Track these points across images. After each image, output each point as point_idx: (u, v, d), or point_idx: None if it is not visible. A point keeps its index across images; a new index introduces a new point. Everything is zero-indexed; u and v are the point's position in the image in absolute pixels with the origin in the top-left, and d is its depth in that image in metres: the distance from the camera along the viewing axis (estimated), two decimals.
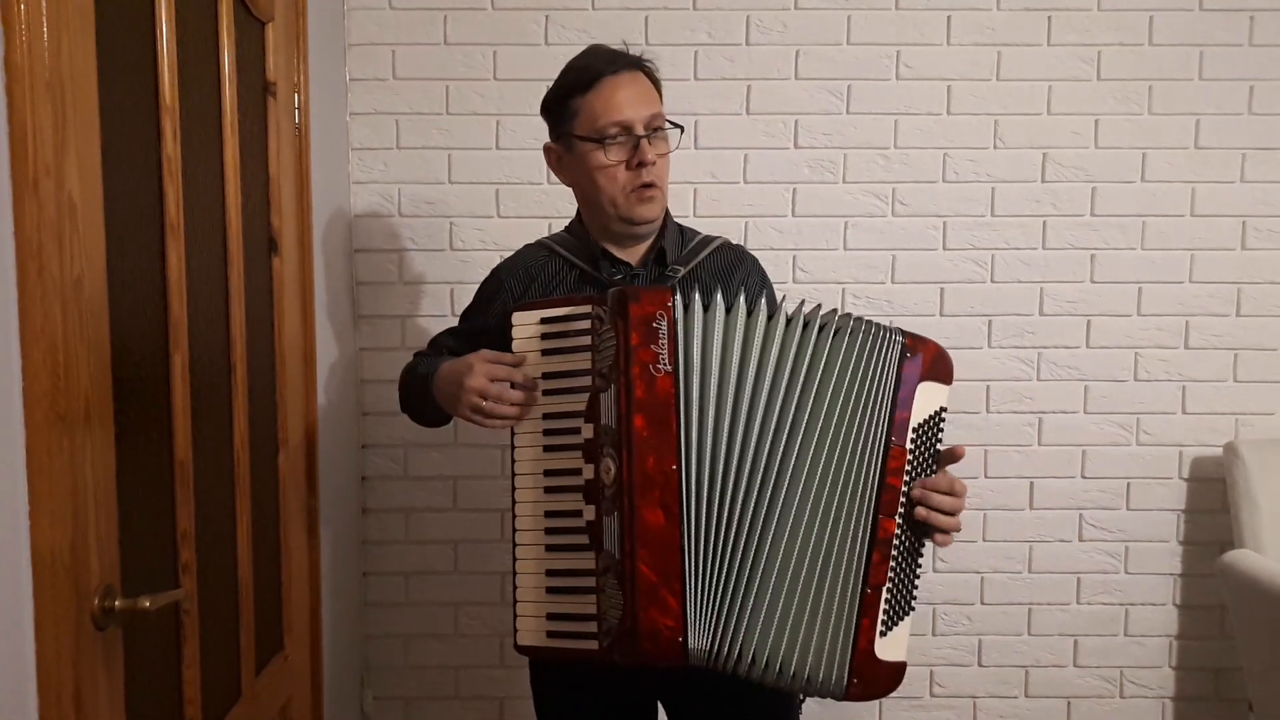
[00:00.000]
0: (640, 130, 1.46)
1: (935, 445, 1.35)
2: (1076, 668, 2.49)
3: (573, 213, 2.40)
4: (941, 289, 2.41)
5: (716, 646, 1.27)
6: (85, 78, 1.08)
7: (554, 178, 2.34)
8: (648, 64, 1.53)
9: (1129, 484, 2.45)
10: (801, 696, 1.37)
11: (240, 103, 1.57)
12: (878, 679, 1.30)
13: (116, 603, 1.10)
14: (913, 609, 1.34)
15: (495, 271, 1.64)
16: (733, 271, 1.59)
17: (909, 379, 1.32)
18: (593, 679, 1.49)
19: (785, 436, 1.29)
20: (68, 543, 1.03)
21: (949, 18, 2.35)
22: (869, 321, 1.32)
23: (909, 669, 1.35)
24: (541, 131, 2.34)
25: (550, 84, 2.33)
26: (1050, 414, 2.43)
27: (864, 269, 2.40)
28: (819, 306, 1.34)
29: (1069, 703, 2.50)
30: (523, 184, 2.38)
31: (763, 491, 1.28)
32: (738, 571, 1.28)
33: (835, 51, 2.35)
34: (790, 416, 1.29)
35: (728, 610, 1.27)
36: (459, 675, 2.47)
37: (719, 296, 1.31)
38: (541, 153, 2.34)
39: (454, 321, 2.37)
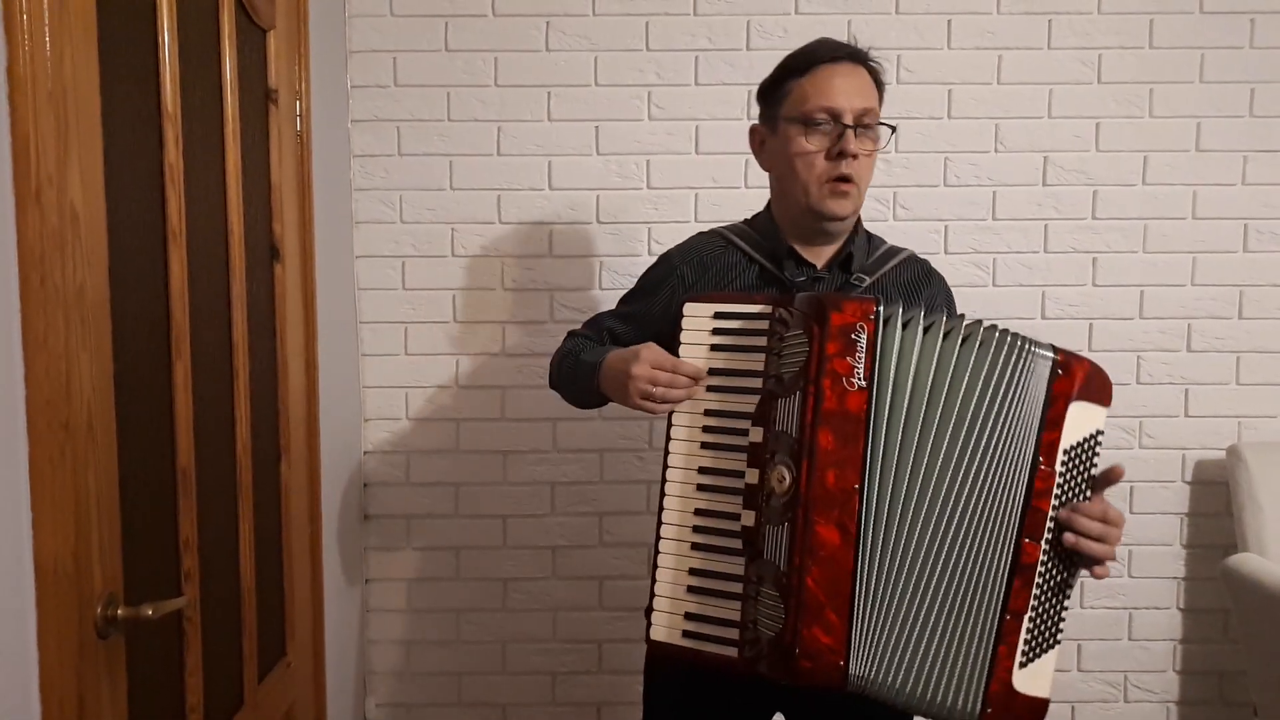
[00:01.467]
0: (848, 120, 1.42)
1: (1090, 470, 1.28)
2: (1080, 672, 2.49)
3: (578, 219, 2.43)
4: None
5: (874, 673, 1.24)
6: (87, 87, 1.08)
7: (556, 183, 2.37)
8: (874, 62, 1.49)
9: (1132, 488, 2.44)
10: None
11: (242, 110, 1.58)
12: (1013, 711, 1.25)
13: (119, 611, 1.10)
14: (1058, 642, 1.28)
15: (666, 257, 1.58)
16: (920, 288, 1.55)
17: (1059, 398, 1.25)
18: (712, 686, 1.44)
19: (954, 460, 1.25)
20: (70, 551, 1.03)
21: (949, 21, 2.35)
22: (1017, 335, 1.27)
23: None
24: (541, 137, 2.38)
25: (549, 89, 2.35)
26: None
27: None
28: (980, 321, 1.29)
29: (1073, 707, 2.49)
30: (524, 190, 2.38)
31: (929, 516, 1.25)
32: (898, 597, 1.25)
33: None
34: (960, 439, 1.25)
35: (886, 635, 1.25)
36: (461, 682, 2.46)
37: (920, 313, 1.27)
38: (540, 158, 2.37)
39: (455, 327, 2.39)
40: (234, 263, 1.54)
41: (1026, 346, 1.26)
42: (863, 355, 1.24)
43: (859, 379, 1.24)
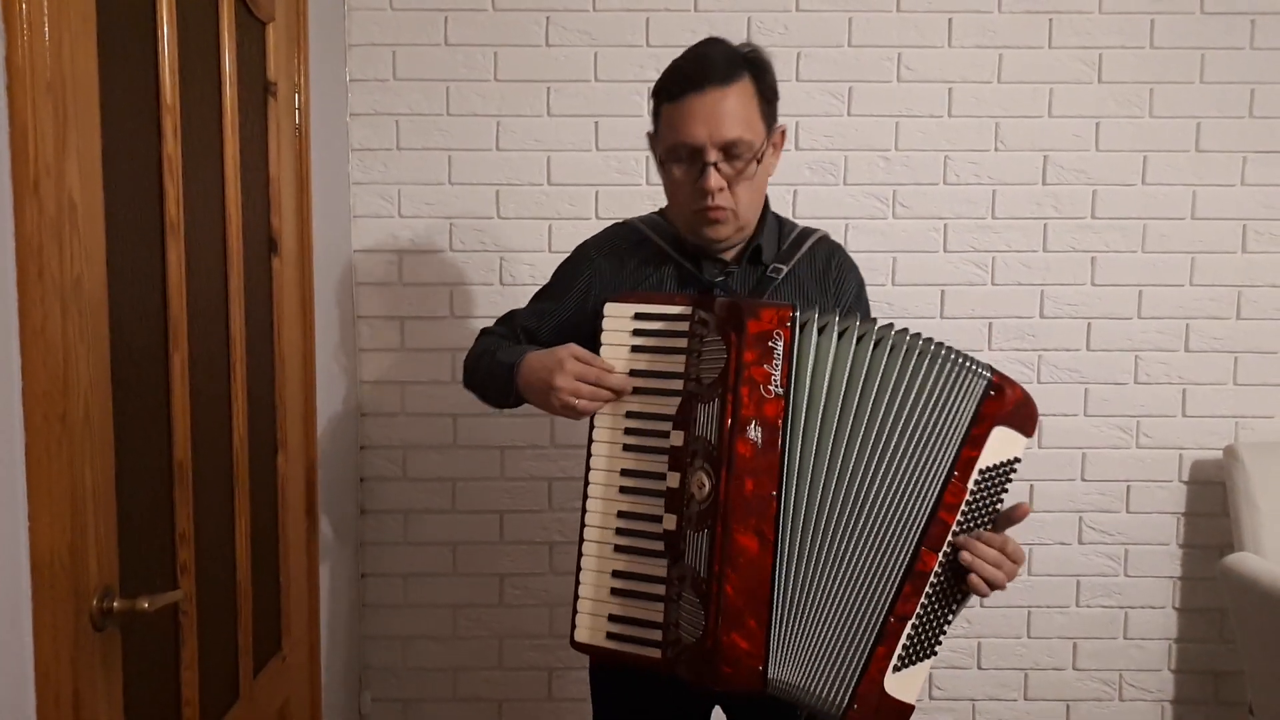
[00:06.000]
0: (710, 157, 1.35)
1: (999, 497, 1.29)
2: (1076, 671, 2.49)
3: (576, 215, 2.43)
4: (942, 291, 2.41)
5: (790, 675, 1.24)
6: (86, 77, 1.07)
7: (555, 178, 2.37)
8: (755, 67, 1.39)
9: (1129, 487, 2.45)
10: (801, 713, 1.35)
11: (241, 103, 1.57)
12: (880, 712, 1.25)
13: (115, 604, 1.10)
14: (935, 654, 1.28)
15: (583, 247, 1.56)
16: (827, 271, 1.53)
17: (986, 418, 1.26)
18: (653, 680, 1.43)
19: (868, 463, 1.25)
20: (66, 544, 1.03)
21: (950, 20, 2.35)
22: (959, 352, 1.28)
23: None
24: (541, 133, 2.37)
25: (549, 85, 2.35)
26: (1050, 416, 2.43)
27: (864, 271, 2.35)
28: (906, 330, 1.29)
29: (1068, 706, 2.50)
30: (523, 185, 2.37)
31: (841, 519, 1.25)
32: (811, 599, 1.25)
33: (836, 53, 2.35)
34: (873, 442, 1.25)
35: (801, 637, 1.25)
36: (457, 677, 2.46)
37: (835, 318, 1.27)
38: (540, 154, 2.37)
39: (453, 322, 2.39)
40: (232, 256, 1.54)
41: (967, 363, 1.27)
42: (779, 363, 1.24)
43: (775, 386, 1.24)
